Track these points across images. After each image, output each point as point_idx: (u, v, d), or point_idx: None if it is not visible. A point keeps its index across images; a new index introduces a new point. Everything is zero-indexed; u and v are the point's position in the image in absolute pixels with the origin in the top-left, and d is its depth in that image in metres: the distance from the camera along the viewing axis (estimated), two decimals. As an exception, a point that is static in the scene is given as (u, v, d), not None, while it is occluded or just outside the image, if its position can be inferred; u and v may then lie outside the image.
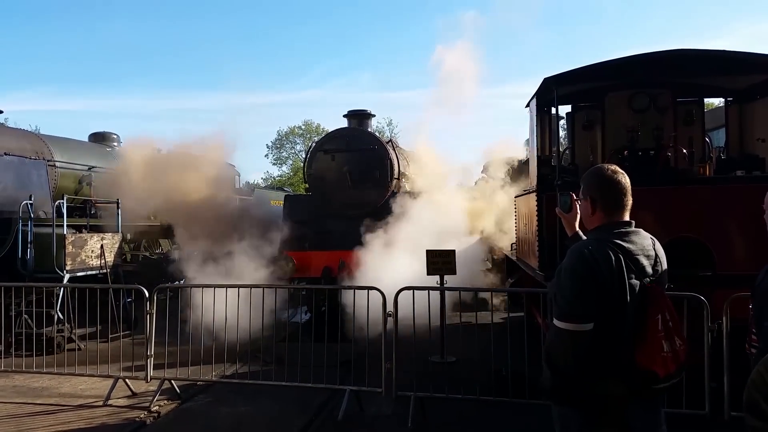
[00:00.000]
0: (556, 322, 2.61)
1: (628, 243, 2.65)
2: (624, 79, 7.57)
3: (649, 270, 2.67)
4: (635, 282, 2.59)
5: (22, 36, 71.31)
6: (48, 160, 10.73)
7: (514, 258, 9.68)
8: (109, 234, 10.37)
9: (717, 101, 15.94)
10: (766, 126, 7.28)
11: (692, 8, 69.23)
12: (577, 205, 2.99)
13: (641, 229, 2.77)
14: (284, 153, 56.59)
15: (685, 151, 7.44)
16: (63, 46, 74.69)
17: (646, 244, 2.72)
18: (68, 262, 9.19)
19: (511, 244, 10.40)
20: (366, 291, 6.26)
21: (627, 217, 2.76)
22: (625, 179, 2.77)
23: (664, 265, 2.78)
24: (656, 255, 2.73)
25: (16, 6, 68.74)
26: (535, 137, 7.88)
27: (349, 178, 10.93)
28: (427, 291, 6.17)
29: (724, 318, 5.06)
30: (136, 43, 76.66)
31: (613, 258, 2.57)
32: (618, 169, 2.80)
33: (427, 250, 8.26)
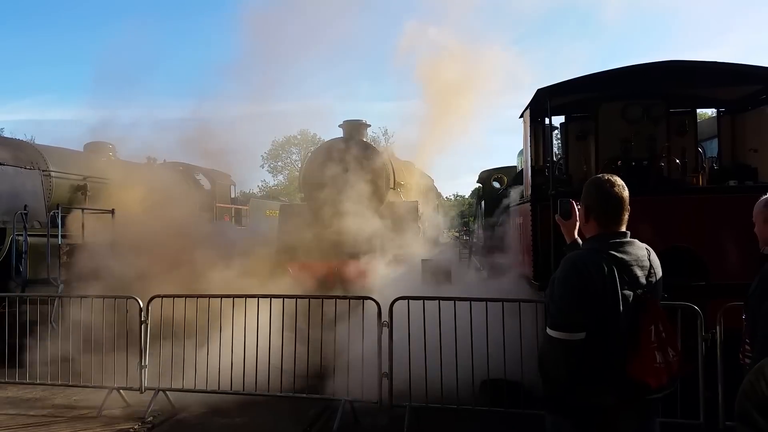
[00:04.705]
0: (548, 330, 2.63)
1: (622, 254, 2.67)
2: (617, 89, 7.63)
3: (643, 281, 2.68)
4: (628, 293, 2.61)
5: (18, 45, 71.30)
6: (43, 170, 10.71)
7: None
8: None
9: (710, 112, 16.06)
10: (758, 136, 7.34)
11: (688, 19, 69.84)
12: (577, 213, 3.01)
13: (636, 240, 2.79)
14: (280, 162, 56.68)
15: (678, 161, 7.50)
16: (59, 54, 74.74)
17: (640, 254, 2.73)
18: (63, 272, 9.15)
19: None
20: (361, 301, 6.27)
21: (623, 228, 2.77)
22: (623, 191, 2.78)
23: (659, 276, 2.79)
24: (651, 266, 2.75)
25: (14, 11, 68.75)
26: (529, 148, 7.93)
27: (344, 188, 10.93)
28: (422, 301, 6.16)
29: (718, 327, 5.08)
30: (131, 51, 76.54)
31: (606, 268, 2.59)
32: (617, 180, 2.81)
33: (422, 260, 8.27)
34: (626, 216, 2.78)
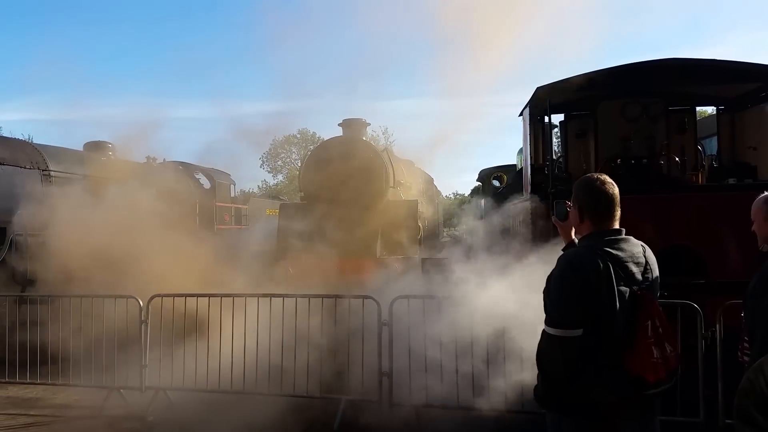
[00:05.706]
0: (546, 328, 2.64)
1: (617, 250, 2.68)
2: (616, 88, 7.63)
3: (639, 277, 2.69)
4: (624, 289, 2.62)
5: (17, 45, 71.20)
6: (43, 170, 10.70)
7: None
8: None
9: (709, 109, 16.07)
10: (758, 134, 7.34)
11: (689, 17, 69.70)
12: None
13: (631, 237, 2.80)
14: (279, 162, 56.65)
15: (677, 159, 7.50)
16: (57, 53, 74.48)
17: (635, 251, 2.74)
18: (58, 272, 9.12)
19: None
20: (361, 300, 6.26)
21: (616, 225, 2.79)
22: (614, 189, 2.80)
23: (655, 272, 2.80)
24: (646, 262, 2.76)
25: (12, 11, 68.60)
26: (528, 146, 7.93)
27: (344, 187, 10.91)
28: (422, 300, 6.16)
29: (717, 325, 5.08)
30: (130, 50, 76.63)
31: (601, 265, 2.60)
32: (606, 179, 2.84)
33: (422, 258, 8.27)
34: (618, 213, 2.80)
